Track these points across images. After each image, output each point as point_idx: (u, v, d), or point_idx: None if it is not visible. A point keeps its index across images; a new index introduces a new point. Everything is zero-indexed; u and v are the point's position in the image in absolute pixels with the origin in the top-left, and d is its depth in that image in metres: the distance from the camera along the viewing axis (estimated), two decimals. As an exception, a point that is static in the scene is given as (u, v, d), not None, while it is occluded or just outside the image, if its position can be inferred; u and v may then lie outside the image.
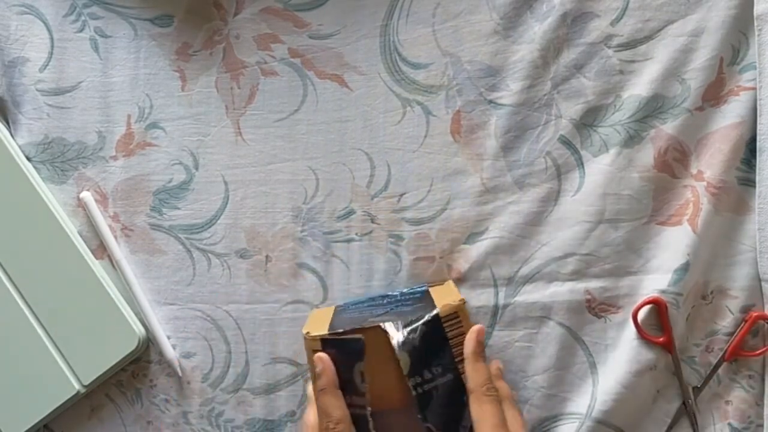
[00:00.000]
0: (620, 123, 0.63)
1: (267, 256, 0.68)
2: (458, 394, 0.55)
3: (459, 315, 0.56)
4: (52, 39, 0.71)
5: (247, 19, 0.68)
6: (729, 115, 0.61)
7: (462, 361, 0.56)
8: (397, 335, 0.55)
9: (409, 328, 0.55)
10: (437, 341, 0.55)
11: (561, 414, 0.63)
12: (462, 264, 0.64)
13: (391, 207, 0.66)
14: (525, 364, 0.63)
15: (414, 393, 0.54)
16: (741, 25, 0.61)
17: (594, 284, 0.63)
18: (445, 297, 0.58)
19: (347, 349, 0.55)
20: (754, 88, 0.60)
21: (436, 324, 0.55)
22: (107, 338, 0.68)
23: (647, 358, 0.62)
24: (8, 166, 0.69)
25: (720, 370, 0.62)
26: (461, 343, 0.56)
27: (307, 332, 0.57)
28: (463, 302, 0.57)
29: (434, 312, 0.55)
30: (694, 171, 0.62)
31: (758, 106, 0.60)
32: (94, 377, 0.68)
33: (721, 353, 0.62)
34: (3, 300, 0.68)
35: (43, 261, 0.68)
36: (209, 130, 0.69)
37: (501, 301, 0.64)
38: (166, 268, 0.69)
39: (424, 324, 0.55)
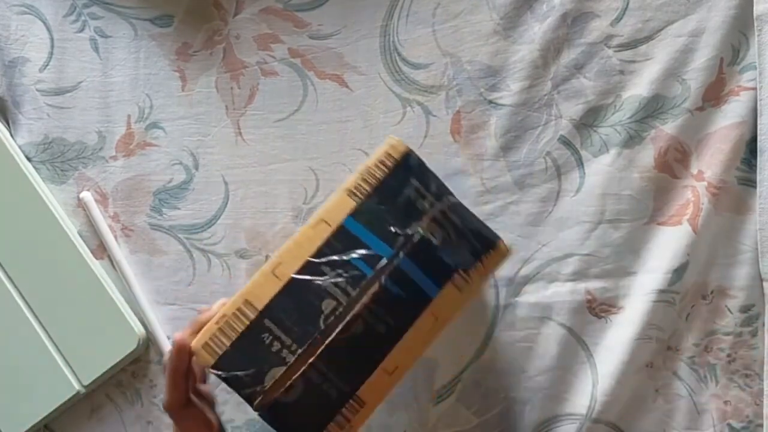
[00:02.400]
0: (620, 123, 0.63)
1: (267, 256, 0.68)
2: None
3: None
4: (52, 39, 0.70)
5: (247, 19, 0.68)
6: (729, 115, 0.61)
7: None
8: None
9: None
10: None
11: (561, 414, 0.63)
12: (462, 264, 0.64)
13: (392, 207, 0.66)
14: (526, 365, 0.63)
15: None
16: (741, 25, 0.61)
17: (594, 284, 0.63)
18: None
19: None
20: (755, 88, 0.60)
21: None
22: (107, 338, 0.68)
23: (647, 359, 0.62)
24: (8, 166, 0.69)
25: (719, 370, 0.62)
26: None
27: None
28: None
29: None
30: (694, 171, 0.62)
31: (758, 106, 0.60)
32: (94, 377, 0.68)
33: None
34: (3, 300, 0.68)
35: (43, 261, 0.68)
36: (209, 130, 0.69)
37: (502, 302, 0.64)
38: (166, 268, 0.69)
39: None
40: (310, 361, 0.51)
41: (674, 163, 0.62)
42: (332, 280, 0.52)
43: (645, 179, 0.62)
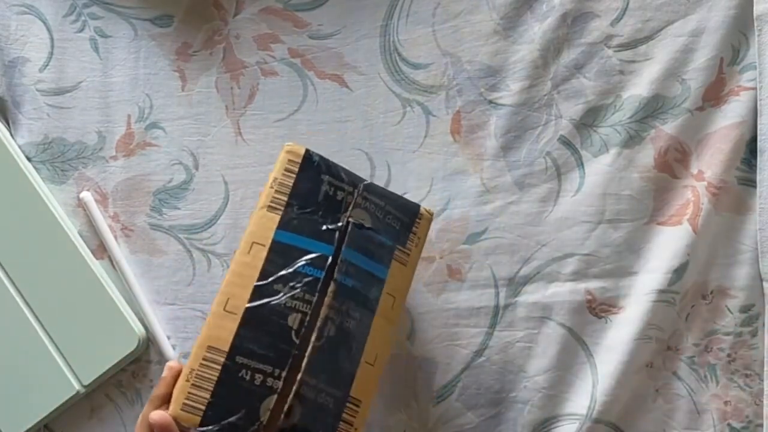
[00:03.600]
0: (620, 123, 0.63)
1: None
2: None
3: None
4: (52, 39, 0.70)
5: (247, 19, 0.68)
6: (729, 115, 0.61)
7: None
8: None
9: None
10: None
11: (561, 414, 0.63)
12: (462, 264, 0.64)
13: (392, 207, 0.66)
14: (526, 365, 0.63)
15: None
16: (741, 25, 0.61)
17: (594, 284, 0.63)
18: None
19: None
20: (755, 88, 0.60)
21: None
22: (107, 338, 0.68)
23: (647, 359, 0.62)
24: (8, 166, 0.69)
25: (719, 370, 0.62)
26: None
27: None
28: None
29: None
30: (694, 171, 0.62)
31: (758, 106, 0.60)
32: (94, 377, 0.67)
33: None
34: (3, 300, 0.68)
35: (43, 261, 0.68)
36: (209, 130, 0.69)
37: (502, 302, 0.64)
38: (166, 268, 0.69)
39: None
40: (299, 378, 0.50)
41: (674, 163, 0.62)
42: (288, 295, 0.51)
43: (645, 179, 0.62)
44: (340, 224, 0.53)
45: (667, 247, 0.61)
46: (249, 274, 0.52)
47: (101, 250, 0.70)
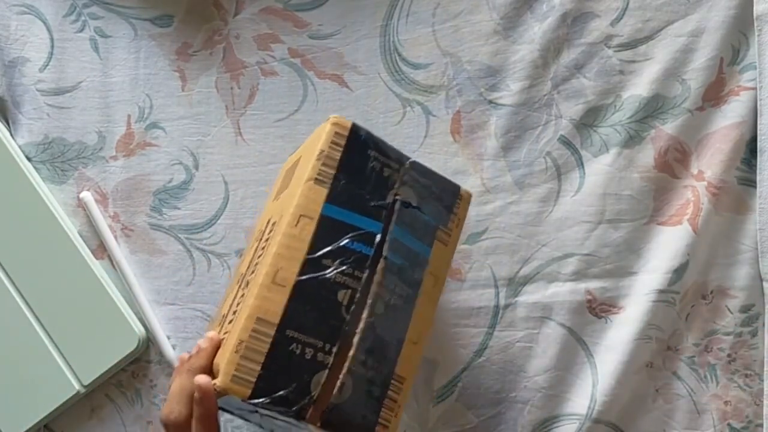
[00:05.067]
0: (620, 123, 0.63)
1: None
2: None
3: None
4: (52, 39, 0.70)
5: (247, 19, 0.68)
6: (729, 115, 0.61)
7: None
8: None
9: None
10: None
11: (561, 414, 0.63)
12: (462, 264, 0.64)
13: (392, 207, 0.66)
14: (526, 365, 0.63)
15: None
16: (741, 25, 0.61)
17: (594, 284, 0.63)
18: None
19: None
20: (755, 88, 0.60)
21: None
22: (107, 338, 0.68)
23: (647, 359, 0.62)
24: (8, 166, 0.69)
25: (719, 370, 0.62)
26: None
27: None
28: None
29: None
30: (694, 171, 0.62)
31: (758, 106, 0.60)
32: (94, 377, 0.67)
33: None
34: (3, 300, 0.68)
35: (43, 261, 0.68)
36: (209, 130, 0.69)
37: (502, 302, 0.64)
38: (166, 268, 0.69)
39: None
40: (351, 354, 0.49)
41: (674, 163, 0.62)
42: (338, 270, 0.51)
43: (645, 179, 0.62)
44: (387, 201, 0.52)
45: (667, 247, 0.61)
46: (298, 246, 0.51)
47: (101, 250, 0.70)
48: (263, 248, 0.53)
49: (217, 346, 0.51)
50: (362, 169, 0.53)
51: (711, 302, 0.62)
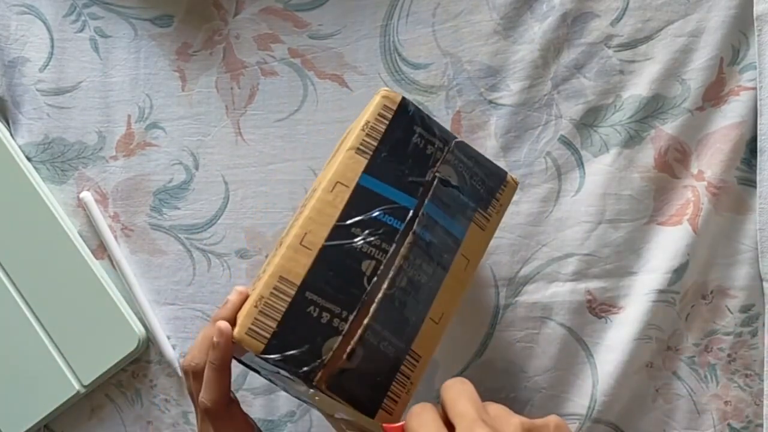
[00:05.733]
0: (620, 123, 0.63)
1: (267, 256, 0.68)
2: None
3: None
4: (52, 39, 0.70)
5: (247, 19, 0.68)
6: (729, 115, 0.61)
7: None
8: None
9: None
10: None
11: (562, 414, 0.63)
12: (462, 264, 0.64)
13: (392, 207, 0.66)
14: (526, 365, 0.63)
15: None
16: (741, 25, 0.61)
17: (595, 284, 0.63)
18: None
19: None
20: (755, 88, 0.60)
21: None
22: (107, 338, 0.68)
23: (647, 359, 0.62)
24: (8, 166, 0.69)
25: (719, 370, 0.62)
26: None
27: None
28: None
29: None
30: (694, 171, 0.62)
31: (758, 106, 0.60)
32: (94, 377, 0.68)
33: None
34: (3, 300, 0.68)
35: (43, 261, 0.68)
36: (209, 130, 0.69)
37: (502, 302, 0.64)
38: (166, 268, 0.69)
39: None
40: (365, 323, 0.49)
41: (674, 163, 0.62)
42: (365, 240, 0.50)
43: (645, 179, 0.62)
44: (426, 179, 0.52)
45: (667, 247, 0.61)
46: (330, 212, 0.51)
47: (101, 250, 0.70)
48: (300, 213, 0.54)
49: (244, 300, 0.51)
50: (405, 144, 0.52)
51: (711, 302, 0.62)
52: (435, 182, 0.52)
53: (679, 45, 0.62)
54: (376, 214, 0.51)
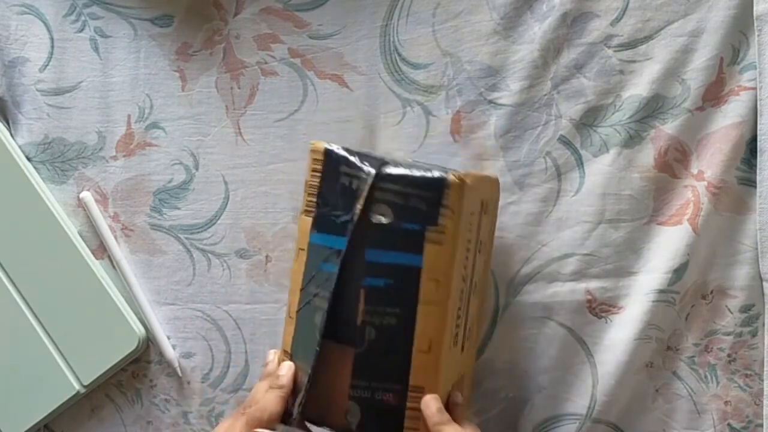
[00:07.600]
0: (620, 123, 0.63)
1: (267, 256, 0.68)
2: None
3: None
4: (52, 39, 0.70)
5: (247, 19, 0.68)
6: (729, 115, 0.61)
7: None
8: None
9: None
10: None
11: (561, 414, 0.63)
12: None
13: (392, 207, 0.66)
14: (526, 365, 0.63)
15: None
16: (741, 25, 0.61)
17: (594, 284, 0.63)
18: None
19: None
20: (755, 88, 0.60)
21: None
22: (107, 338, 0.68)
23: (647, 359, 0.62)
24: (8, 166, 0.69)
25: (719, 370, 0.62)
26: None
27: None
28: None
29: None
30: (694, 171, 0.62)
31: (758, 106, 0.60)
32: (94, 377, 0.68)
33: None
34: (3, 300, 0.68)
35: (43, 261, 0.68)
36: (209, 130, 0.69)
37: (502, 302, 0.64)
38: (166, 268, 0.69)
39: None
40: (349, 382, 0.52)
41: (674, 162, 0.62)
42: (316, 295, 0.52)
43: (645, 179, 0.62)
44: (352, 214, 0.51)
45: (667, 247, 0.61)
46: (297, 279, 0.54)
47: (101, 250, 0.70)
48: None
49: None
50: (335, 188, 0.53)
51: (711, 302, 0.62)
52: (369, 227, 0.51)
53: (679, 45, 0.62)
54: (321, 265, 0.53)
